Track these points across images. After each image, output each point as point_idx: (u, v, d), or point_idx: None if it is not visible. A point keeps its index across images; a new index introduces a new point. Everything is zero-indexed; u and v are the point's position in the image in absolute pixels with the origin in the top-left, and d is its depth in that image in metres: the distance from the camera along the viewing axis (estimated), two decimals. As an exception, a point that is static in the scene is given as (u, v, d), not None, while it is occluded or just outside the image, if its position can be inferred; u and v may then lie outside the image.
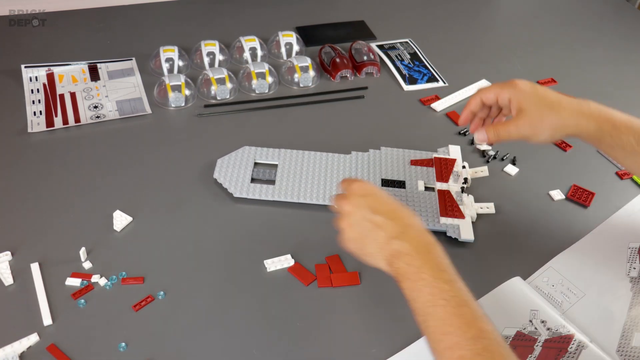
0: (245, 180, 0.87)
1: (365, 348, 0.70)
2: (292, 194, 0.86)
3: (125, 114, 1.00)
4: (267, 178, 0.89)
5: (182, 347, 0.69)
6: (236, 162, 0.90)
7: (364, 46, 1.16)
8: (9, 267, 0.75)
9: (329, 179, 0.89)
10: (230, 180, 0.87)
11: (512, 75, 1.16)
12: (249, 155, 0.91)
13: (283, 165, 0.90)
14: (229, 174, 0.88)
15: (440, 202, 0.87)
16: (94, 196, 0.86)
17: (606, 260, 0.82)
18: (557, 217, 0.88)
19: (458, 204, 0.86)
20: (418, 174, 0.91)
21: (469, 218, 0.85)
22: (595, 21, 1.37)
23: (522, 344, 0.70)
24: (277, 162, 0.91)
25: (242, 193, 0.85)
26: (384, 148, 0.95)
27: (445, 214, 0.85)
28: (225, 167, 0.89)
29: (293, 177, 0.89)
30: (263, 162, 0.91)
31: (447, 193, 0.88)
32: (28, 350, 0.67)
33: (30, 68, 1.07)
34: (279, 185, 0.87)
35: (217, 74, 1.05)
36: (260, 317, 0.73)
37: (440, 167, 0.92)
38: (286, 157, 0.92)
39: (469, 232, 0.83)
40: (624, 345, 0.71)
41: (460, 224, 0.84)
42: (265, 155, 0.92)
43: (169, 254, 0.79)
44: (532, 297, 0.75)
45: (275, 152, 0.92)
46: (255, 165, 0.91)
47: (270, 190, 0.86)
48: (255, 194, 0.86)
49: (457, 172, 0.91)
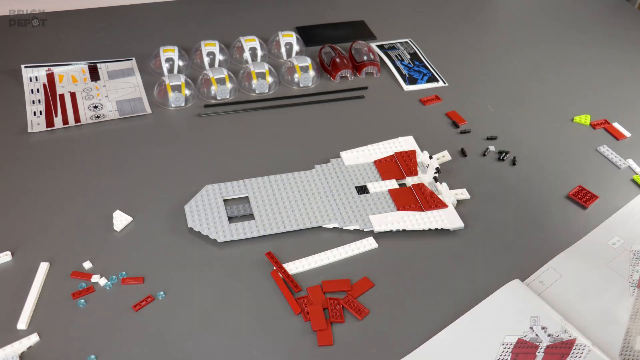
0: (223, 223, 0.82)
1: (365, 348, 0.70)
2: (276, 225, 0.82)
3: (125, 114, 1.00)
4: (243, 213, 0.84)
5: (182, 347, 0.69)
6: (205, 204, 0.84)
7: (364, 46, 1.16)
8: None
9: (305, 199, 0.86)
10: (208, 226, 0.81)
11: (512, 75, 1.16)
12: (215, 194, 0.85)
13: (255, 197, 0.85)
14: (204, 220, 0.82)
15: (419, 197, 0.87)
16: (94, 196, 0.86)
17: (607, 261, 0.81)
18: (557, 217, 0.88)
19: (436, 194, 0.87)
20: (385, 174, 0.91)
21: (451, 206, 0.86)
22: (595, 21, 1.37)
23: (524, 351, 0.69)
24: (246, 194, 0.86)
25: (225, 237, 0.80)
26: (344, 153, 0.94)
27: (429, 206, 0.85)
28: (196, 213, 0.82)
29: (270, 206, 0.85)
30: (231, 197, 0.86)
31: (422, 186, 0.88)
32: (28, 350, 0.67)
33: (30, 68, 1.07)
34: (259, 219, 0.83)
35: (217, 74, 1.05)
36: (260, 317, 0.73)
37: (405, 161, 0.92)
38: (254, 187, 0.87)
39: (456, 220, 0.84)
40: (627, 348, 0.71)
41: (445, 214, 0.85)
42: (232, 189, 0.87)
43: (169, 254, 0.79)
44: (532, 301, 0.74)
45: (240, 184, 0.87)
46: (226, 202, 0.85)
47: (253, 227, 0.82)
48: (240, 234, 0.80)
49: (422, 162, 0.92)
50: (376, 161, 0.93)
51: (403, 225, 0.83)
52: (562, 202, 0.91)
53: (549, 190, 0.92)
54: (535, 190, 0.92)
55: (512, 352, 0.69)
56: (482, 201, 0.89)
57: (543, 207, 0.90)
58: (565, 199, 0.91)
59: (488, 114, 1.07)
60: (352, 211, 0.85)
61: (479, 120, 1.04)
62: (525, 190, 0.92)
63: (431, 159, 0.90)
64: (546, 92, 1.13)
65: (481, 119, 1.05)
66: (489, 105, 1.08)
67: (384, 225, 0.83)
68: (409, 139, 0.97)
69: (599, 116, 1.07)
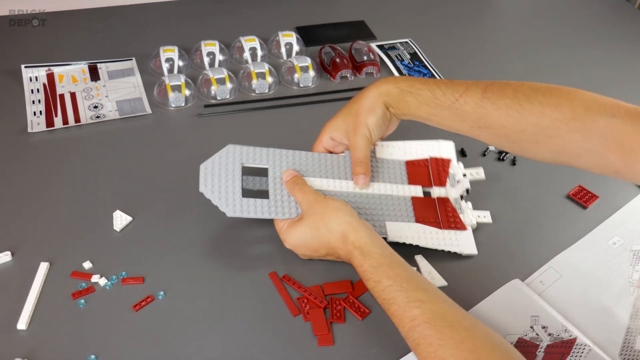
0: (235, 195, 0.76)
1: (365, 349, 0.70)
2: (289, 210, 0.76)
3: (125, 114, 1.00)
4: (259, 188, 0.80)
5: (182, 347, 0.69)
6: (221, 167, 0.78)
7: (364, 46, 1.16)
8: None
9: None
10: (219, 195, 0.75)
11: (512, 75, 1.16)
12: (234, 157, 0.79)
13: (274, 172, 0.79)
14: (216, 187, 0.76)
15: (441, 212, 0.80)
16: (94, 196, 0.86)
17: (607, 261, 0.82)
18: (557, 217, 0.88)
19: (458, 213, 0.81)
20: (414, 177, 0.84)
21: (470, 228, 0.81)
22: (595, 21, 1.37)
23: (524, 350, 0.69)
24: (266, 166, 0.80)
25: (235, 212, 0.75)
26: (379, 143, 0.86)
27: (448, 225, 0.79)
28: (210, 177, 0.76)
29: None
30: (251, 165, 0.80)
31: (446, 200, 0.82)
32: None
33: (30, 68, 1.07)
34: (272, 199, 0.77)
35: (217, 74, 1.05)
36: (260, 317, 0.73)
37: (437, 170, 0.85)
38: (275, 159, 0.80)
39: (471, 245, 0.79)
40: (627, 348, 0.71)
41: (462, 237, 0.79)
42: (253, 156, 0.80)
43: (169, 254, 0.79)
44: (532, 301, 0.74)
45: (263, 152, 0.80)
46: (244, 170, 0.79)
47: (265, 207, 0.76)
48: (250, 212, 0.75)
49: (453, 173, 0.85)
50: (408, 162, 0.85)
51: (417, 240, 0.78)
52: (562, 202, 0.91)
53: (549, 190, 0.92)
54: (535, 190, 0.92)
55: None
56: (483, 201, 0.89)
57: (543, 207, 0.90)
58: (565, 199, 0.91)
59: (488, 114, 1.06)
60: (370, 212, 0.79)
61: (479, 120, 1.04)
62: (525, 190, 0.92)
63: (465, 176, 0.83)
64: (546, 92, 1.13)
65: (481, 119, 1.05)
66: (489, 105, 1.08)
67: (398, 237, 0.78)
68: (449, 144, 0.88)
69: (599, 116, 1.07)
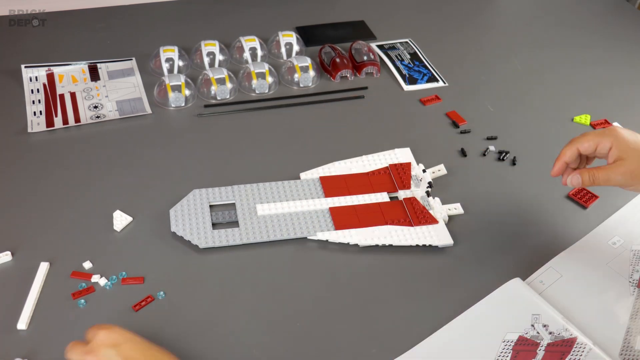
0: (206, 228, 0.80)
1: (365, 349, 0.70)
2: (260, 234, 0.81)
3: (125, 114, 1.00)
4: (228, 220, 0.83)
5: (182, 347, 0.69)
6: (190, 209, 0.83)
7: (364, 46, 1.16)
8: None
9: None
10: (191, 231, 0.80)
11: (512, 75, 1.16)
12: (201, 199, 0.84)
13: (242, 204, 0.84)
14: (187, 225, 0.80)
15: (410, 211, 0.85)
16: (94, 196, 0.86)
17: (607, 261, 0.81)
18: (557, 217, 0.88)
19: (427, 209, 0.85)
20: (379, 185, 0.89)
21: (442, 222, 0.84)
22: (595, 21, 1.37)
23: (525, 348, 0.70)
24: (233, 201, 0.85)
25: (207, 243, 0.79)
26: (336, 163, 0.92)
27: (419, 222, 0.83)
28: (180, 218, 0.81)
29: (255, 214, 0.83)
30: (218, 203, 0.85)
31: (413, 200, 0.86)
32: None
33: (30, 68, 1.07)
34: (243, 227, 0.81)
35: (217, 74, 1.05)
36: (260, 317, 0.73)
37: (399, 174, 0.90)
38: (241, 194, 0.86)
39: (446, 237, 0.82)
40: (627, 348, 0.71)
41: (435, 230, 0.83)
42: (219, 195, 0.85)
43: (169, 254, 0.79)
44: (533, 300, 0.74)
45: (228, 190, 0.86)
46: (213, 208, 0.84)
47: (237, 234, 0.80)
48: (222, 241, 0.79)
49: (416, 175, 0.89)
50: (369, 173, 0.91)
51: (390, 240, 0.81)
52: (562, 202, 0.91)
53: (549, 190, 0.92)
54: (535, 190, 0.92)
55: (513, 349, 0.70)
56: (482, 201, 0.89)
57: (543, 207, 0.90)
58: (565, 199, 0.91)
59: (488, 114, 1.07)
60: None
61: (479, 120, 1.04)
62: (525, 190, 0.92)
63: (425, 172, 0.88)
64: (546, 92, 1.13)
65: (481, 119, 1.05)
66: (489, 105, 1.08)
67: (369, 240, 0.81)
68: (405, 150, 0.95)
69: (599, 116, 1.07)
